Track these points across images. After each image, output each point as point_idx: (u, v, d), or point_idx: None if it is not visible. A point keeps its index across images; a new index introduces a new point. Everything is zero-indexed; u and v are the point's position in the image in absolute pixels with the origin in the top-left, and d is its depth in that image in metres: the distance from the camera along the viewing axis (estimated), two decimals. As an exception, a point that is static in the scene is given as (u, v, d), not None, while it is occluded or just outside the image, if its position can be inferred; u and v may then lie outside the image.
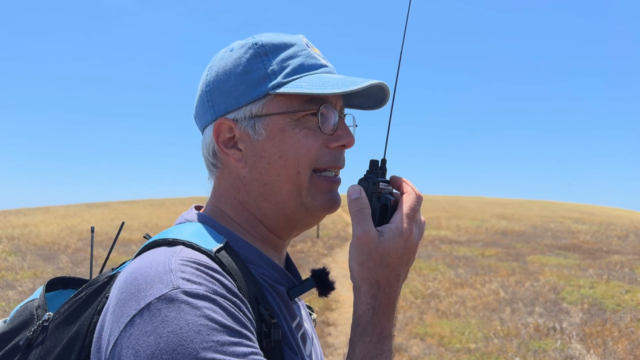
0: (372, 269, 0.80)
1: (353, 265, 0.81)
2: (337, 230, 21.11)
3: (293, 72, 0.87)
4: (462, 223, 23.75)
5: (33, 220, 23.91)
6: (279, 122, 0.86)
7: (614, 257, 13.24)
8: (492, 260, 12.70)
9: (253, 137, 0.87)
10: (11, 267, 10.90)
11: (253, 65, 0.87)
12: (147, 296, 0.66)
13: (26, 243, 15.03)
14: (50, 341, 0.79)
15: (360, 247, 0.80)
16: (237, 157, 0.89)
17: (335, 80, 0.86)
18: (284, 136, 0.86)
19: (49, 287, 0.91)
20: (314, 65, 0.89)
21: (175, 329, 0.64)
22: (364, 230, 0.80)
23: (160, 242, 0.79)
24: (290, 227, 0.92)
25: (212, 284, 0.70)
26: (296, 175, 0.86)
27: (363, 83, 0.84)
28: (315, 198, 0.88)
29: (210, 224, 0.88)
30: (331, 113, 0.88)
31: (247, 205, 0.90)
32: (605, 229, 21.61)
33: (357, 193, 0.83)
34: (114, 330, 0.67)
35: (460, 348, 6.01)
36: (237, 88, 0.88)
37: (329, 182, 0.89)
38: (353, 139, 0.91)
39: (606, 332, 6.58)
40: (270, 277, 0.87)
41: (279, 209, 0.89)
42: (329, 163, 0.88)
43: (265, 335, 0.76)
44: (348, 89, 0.82)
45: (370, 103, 0.97)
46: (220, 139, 0.89)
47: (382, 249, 0.79)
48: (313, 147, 0.86)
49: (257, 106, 0.87)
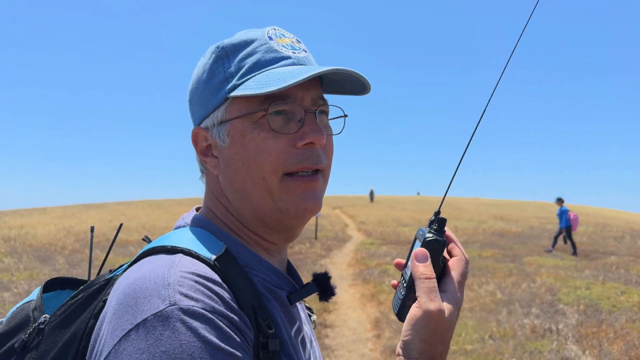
0: (434, 345, 0.75)
1: (415, 340, 0.74)
2: (335, 231, 21.10)
3: (248, 71, 0.84)
4: (459, 224, 23.76)
5: (30, 221, 23.82)
6: (238, 126, 0.84)
7: (609, 259, 13.28)
8: (489, 262, 12.71)
9: (220, 144, 0.86)
10: (7, 268, 10.86)
11: (214, 70, 0.86)
12: (143, 311, 0.66)
13: (22, 244, 14.97)
14: (45, 344, 0.78)
15: (429, 323, 0.74)
16: (213, 164, 0.88)
17: (287, 73, 0.81)
18: (244, 141, 0.83)
19: (46, 288, 0.91)
20: (273, 60, 0.84)
21: (169, 349, 0.63)
22: (437, 306, 0.74)
23: (158, 249, 0.78)
24: (272, 231, 0.88)
25: (209, 300, 0.69)
26: (262, 181, 0.83)
27: (307, 73, 0.79)
28: (288, 202, 0.83)
29: (209, 228, 0.87)
30: (295, 109, 0.83)
31: (230, 210, 0.89)
32: (601, 230, 21.65)
33: (425, 258, 0.79)
34: (107, 342, 0.67)
35: (456, 349, 6.02)
36: (204, 95, 0.87)
37: (302, 183, 0.83)
38: (321, 135, 0.83)
39: (602, 333, 6.59)
40: (271, 282, 0.86)
41: (256, 215, 0.86)
42: (297, 164, 0.83)
43: (263, 346, 0.75)
44: (286, 84, 0.77)
45: (358, 87, 0.91)
46: (198, 148, 0.90)
47: (447, 326, 0.75)
48: (274, 149, 0.82)
49: (221, 112, 0.85)
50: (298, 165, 0.83)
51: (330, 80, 0.91)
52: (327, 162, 0.89)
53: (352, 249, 15.52)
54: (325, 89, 0.93)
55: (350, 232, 21.48)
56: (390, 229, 22.02)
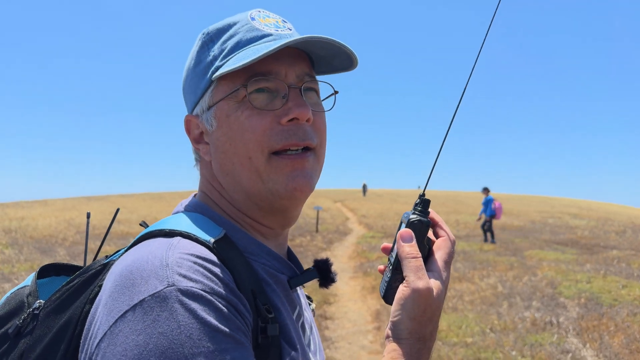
0: (423, 324, 0.74)
1: (405, 319, 0.74)
2: (336, 224, 21.12)
3: (230, 51, 0.83)
4: (461, 218, 23.77)
5: (31, 213, 23.87)
6: (224, 107, 0.83)
7: (611, 252, 13.27)
8: (490, 255, 12.72)
9: (209, 128, 0.86)
10: (8, 259, 10.89)
11: (200, 56, 0.86)
12: (141, 292, 0.65)
13: (23, 236, 15.01)
14: (40, 330, 0.77)
15: (419, 301, 0.73)
16: (205, 150, 0.88)
17: (264, 47, 0.80)
18: (229, 121, 0.82)
19: (40, 274, 0.89)
20: (253, 38, 0.83)
21: (166, 331, 0.62)
22: (425, 284, 0.74)
23: (157, 232, 0.77)
24: (267, 214, 0.86)
25: (208, 281, 0.68)
26: (249, 161, 0.81)
27: (281, 42, 0.78)
28: (277, 182, 0.81)
29: (208, 214, 0.86)
30: (279, 85, 0.82)
31: (224, 195, 0.88)
32: (603, 225, 21.65)
33: (411, 238, 0.78)
34: (103, 324, 0.66)
35: (457, 342, 6.02)
36: (193, 82, 0.88)
37: (290, 161, 0.81)
38: (306, 110, 0.81)
39: (602, 326, 6.59)
40: (272, 267, 0.85)
41: (248, 198, 0.85)
42: (282, 141, 0.80)
43: (262, 331, 0.74)
44: (259, 54, 0.76)
45: (347, 62, 0.90)
46: (191, 135, 0.90)
47: (436, 305, 0.75)
48: (258, 127, 0.80)
49: (208, 96, 0.85)
50: (284, 142, 0.81)
51: (318, 57, 0.89)
52: (319, 140, 0.87)
53: (353, 242, 15.54)
54: (317, 70, 0.92)
55: (351, 225, 21.51)
56: (392, 222, 22.02)
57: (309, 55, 0.88)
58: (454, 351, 5.69)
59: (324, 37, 0.81)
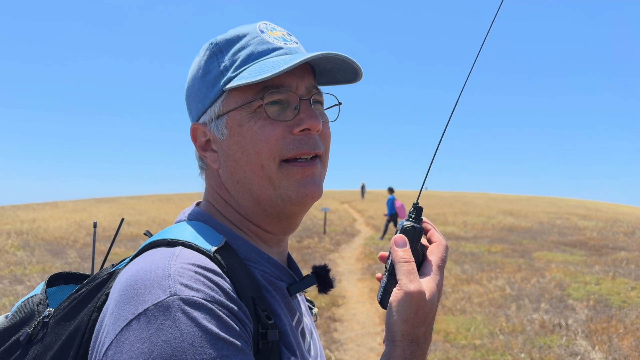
0: (416, 326, 0.76)
1: (398, 321, 0.76)
2: (343, 226, 21.11)
3: (242, 63, 0.86)
4: (468, 219, 23.68)
5: (42, 215, 24.07)
6: (236, 117, 0.86)
7: (620, 254, 13.16)
8: (498, 257, 12.66)
9: (219, 137, 0.88)
10: (20, 261, 10.99)
11: (209, 66, 0.89)
12: (145, 301, 0.68)
13: (35, 238, 15.13)
14: (50, 337, 0.80)
15: (410, 303, 0.76)
16: (213, 158, 0.91)
17: (280, 61, 0.83)
18: (241, 131, 0.85)
19: (50, 283, 0.93)
20: (265, 51, 0.87)
21: (170, 339, 0.65)
22: (417, 287, 0.76)
23: (159, 242, 0.80)
24: (273, 220, 0.90)
25: (209, 290, 0.70)
26: (261, 169, 0.85)
27: (299, 59, 0.81)
28: (289, 189, 0.85)
29: (209, 222, 0.89)
30: (290, 97, 0.86)
31: (230, 202, 0.90)
32: (612, 226, 21.47)
33: (404, 243, 0.81)
34: (110, 332, 0.68)
35: (465, 344, 6.01)
36: (201, 91, 0.90)
37: (301, 169, 0.85)
38: (317, 121, 0.85)
39: (611, 328, 6.55)
40: (271, 274, 0.88)
41: (257, 204, 0.88)
42: (294, 150, 0.85)
43: (262, 337, 0.76)
44: (280, 69, 0.80)
45: (351, 75, 0.94)
46: (197, 143, 0.92)
47: (428, 307, 0.77)
48: (271, 137, 0.84)
49: (218, 105, 0.88)
50: (295, 151, 0.85)
51: (322, 70, 0.93)
52: (325, 148, 0.91)
53: (361, 244, 15.52)
54: (318, 81, 0.95)
55: (359, 227, 21.48)
56: (399, 224, 21.91)
57: (313, 67, 0.92)
58: (462, 353, 5.69)
59: (339, 55, 0.85)
